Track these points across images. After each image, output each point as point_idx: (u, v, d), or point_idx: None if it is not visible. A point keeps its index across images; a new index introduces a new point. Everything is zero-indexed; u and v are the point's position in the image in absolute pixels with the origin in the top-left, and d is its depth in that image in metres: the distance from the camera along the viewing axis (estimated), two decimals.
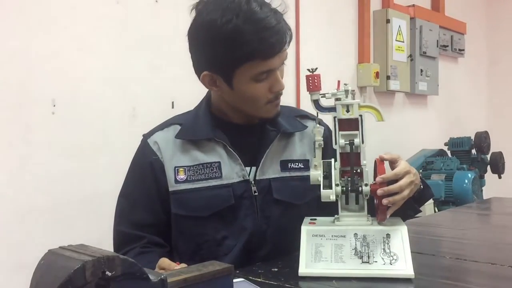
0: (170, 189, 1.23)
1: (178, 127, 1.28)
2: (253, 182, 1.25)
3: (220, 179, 1.23)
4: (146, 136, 1.30)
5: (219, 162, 1.24)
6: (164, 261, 1.08)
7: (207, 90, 1.32)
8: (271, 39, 1.12)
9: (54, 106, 2.04)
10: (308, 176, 1.17)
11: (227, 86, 1.20)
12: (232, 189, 1.23)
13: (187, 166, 1.23)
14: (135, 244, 1.24)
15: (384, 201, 1.08)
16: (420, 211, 1.29)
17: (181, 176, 1.23)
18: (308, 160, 1.31)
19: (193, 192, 1.22)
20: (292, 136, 1.32)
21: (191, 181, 1.23)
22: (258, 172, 1.26)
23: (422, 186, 1.23)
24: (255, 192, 1.25)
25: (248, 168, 1.26)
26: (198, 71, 1.23)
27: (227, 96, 1.24)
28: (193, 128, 1.26)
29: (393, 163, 1.17)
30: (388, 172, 1.12)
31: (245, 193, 1.24)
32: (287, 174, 1.29)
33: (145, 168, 1.26)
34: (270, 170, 1.27)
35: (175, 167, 1.23)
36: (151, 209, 1.26)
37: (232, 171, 1.24)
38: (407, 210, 1.23)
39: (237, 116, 1.29)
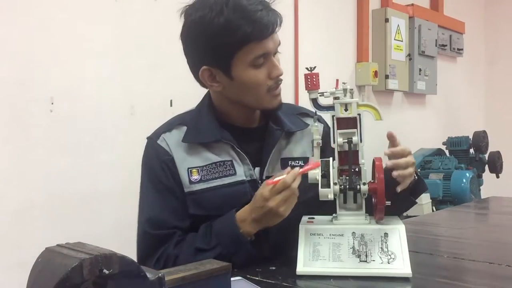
0: (186, 190, 1.22)
1: (184, 128, 1.26)
2: (260, 182, 1.25)
3: (234, 176, 1.23)
4: (154, 138, 1.27)
5: (231, 161, 1.24)
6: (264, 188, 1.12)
7: (205, 89, 1.32)
8: (263, 20, 1.15)
9: (52, 104, 2.04)
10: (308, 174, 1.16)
11: (227, 78, 1.20)
12: (248, 185, 1.23)
13: (199, 166, 1.22)
14: (170, 241, 1.21)
15: (395, 173, 1.11)
16: (416, 202, 1.30)
17: (195, 176, 1.22)
18: (308, 158, 1.31)
19: (209, 191, 1.21)
20: (293, 134, 1.33)
21: (206, 180, 1.22)
22: (265, 172, 1.26)
23: (416, 177, 1.24)
24: None
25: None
26: (195, 70, 1.23)
27: (228, 90, 1.23)
28: (199, 131, 1.25)
29: (393, 143, 1.18)
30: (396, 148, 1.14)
31: (253, 192, 1.24)
32: None
33: (162, 167, 1.23)
34: (271, 168, 1.28)
35: (188, 168, 1.22)
36: (176, 209, 1.23)
37: (242, 171, 1.24)
38: (404, 202, 1.23)
39: (240, 116, 1.29)
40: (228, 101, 1.27)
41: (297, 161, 1.30)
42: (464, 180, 3.45)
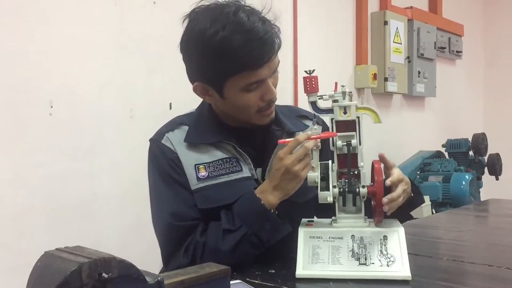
0: (193, 187, 1.22)
1: (186, 128, 1.27)
2: (261, 181, 1.25)
3: (241, 172, 1.23)
4: (158, 138, 1.28)
5: (236, 158, 1.24)
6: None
7: None
8: (258, 50, 1.12)
9: (52, 107, 2.04)
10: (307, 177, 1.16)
11: (219, 96, 1.21)
12: (254, 183, 1.23)
13: (207, 163, 1.23)
14: (195, 231, 1.20)
15: (386, 207, 1.11)
16: (412, 217, 1.33)
17: (203, 173, 1.22)
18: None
19: (216, 187, 1.21)
20: (294, 135, 1.33)
21: (213, 177, 1.22)
22: (267, 172, 1.26)
23: (412, 194, 1.25)
24: None
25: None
26: (191, 80, 1.25)
27: (220, 104, 1.25)
28: (200, 132, 1.26)
29: (387, 169, 1.19)
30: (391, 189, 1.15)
31: None
32: None
33: (169, 164, 1.23)
34: None
35: (195, 164, 1.22)
36: (192, 202, 1.22)
37: (247, 169, 1.25)
38: (400, 218, 1.24)
39: (236, 120, 1.30)
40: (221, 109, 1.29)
41: None
42: (464, 183, 3.45)
